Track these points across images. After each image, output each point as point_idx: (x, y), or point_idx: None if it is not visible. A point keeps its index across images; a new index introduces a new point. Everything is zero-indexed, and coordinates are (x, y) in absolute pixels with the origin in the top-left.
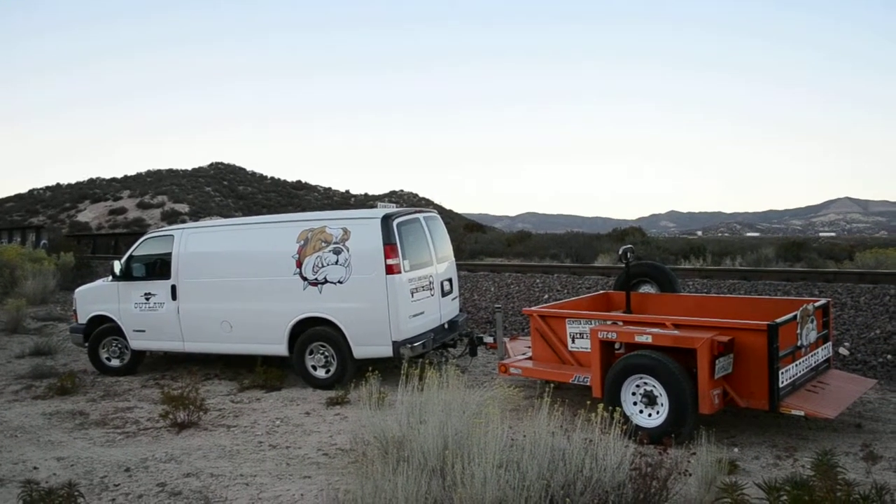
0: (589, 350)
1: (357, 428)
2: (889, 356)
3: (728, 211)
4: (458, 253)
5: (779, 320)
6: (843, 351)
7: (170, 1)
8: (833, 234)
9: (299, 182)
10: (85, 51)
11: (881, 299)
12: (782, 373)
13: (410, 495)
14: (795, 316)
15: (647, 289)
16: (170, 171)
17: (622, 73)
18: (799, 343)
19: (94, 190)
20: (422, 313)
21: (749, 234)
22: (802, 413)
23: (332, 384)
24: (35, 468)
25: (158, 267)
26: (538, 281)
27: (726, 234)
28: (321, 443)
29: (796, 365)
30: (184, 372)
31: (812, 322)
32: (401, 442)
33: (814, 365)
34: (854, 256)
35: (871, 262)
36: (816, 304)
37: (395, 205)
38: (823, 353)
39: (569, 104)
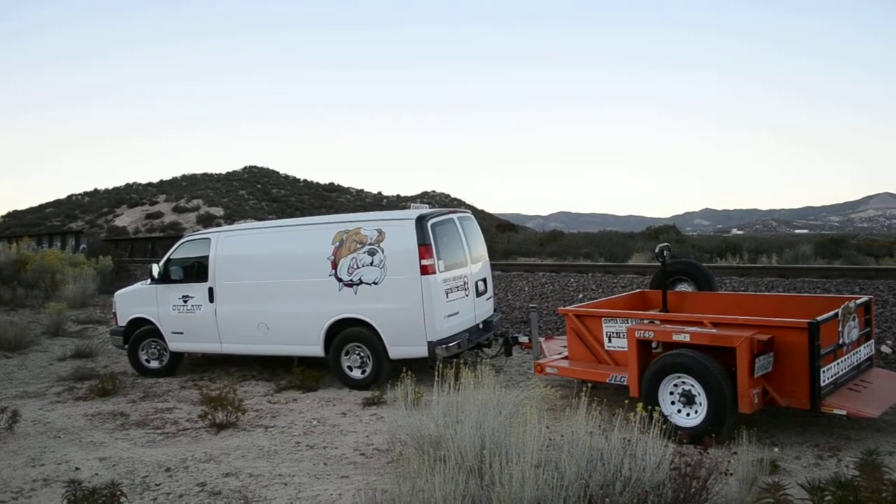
0: (626, 349)
1: (393, 428)
2: None
3: (764, 208)
4: (491, 253)
5: (820, 318)
6: (885, 349)
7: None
8: (806, 230)
9: (332, 184)
10: (117, 49)
11: None
12: (823, 371)
13: (448, 494)
14: (837, 313)
15: (683, 287)
16: (204, 175)
17: (658, 77)
18: (840, 341)
19: (130, 195)
20: (457, 313)
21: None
22: (844, 412)
23: (368, 384)
24: (77, 469)
25: (196, 270)
26: (572, 280)
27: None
28: (358, 443)
29: (838, 363)
30: (222, 373)
31: (854, 320)
32: (438, 441)
33: (856, 363)
34: (894, 253)
35: None
36: (858, 301)
37: (427, 205)
38: (865, 351)
39: (602, 106)
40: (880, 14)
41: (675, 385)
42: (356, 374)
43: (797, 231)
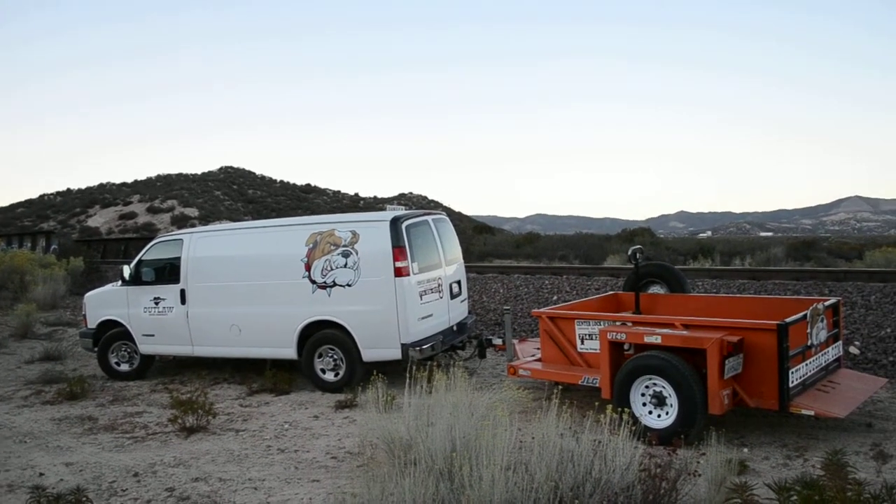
0: (598, 351)
1: (365, 431)
2: None
3: (737, 211)
4: (467, 255)
5: (788, 320)
6: (853, 350)
7: (176, 4)
8: (771, 232)
9: (308, 185)
10: (92, 55)
11: (891, 298)
12: (792, 372)
13: (418, 498)
14: (805, 315)
15: (656, 289)
16: (179, 175)
17: (631, 74)
18: (809, 342)
19: (104, 195)
20: (430, 316)
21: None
22: (812, 412)
23: (341, 387)
24: (42, 474)
25: (168, 271)
26: (547, 282)
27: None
28: (330, 446)
29: (806, 364)
30: (193, 376)
31: (822, 321)
32: (409, 444)
33: (824, 364)
34: (864, 255)
35: (882, 260)
36: (826, 303)
37: (403, 207)
38: (834, 352)
39: (578, 105)
40: (878, 11)
41: (647, 386)
42: (329, 376)
43: (762, 234)
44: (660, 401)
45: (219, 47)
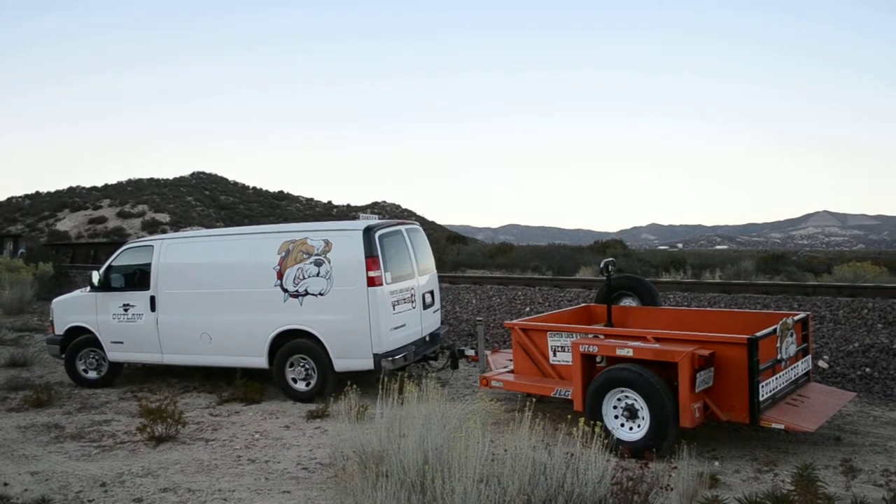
0: (570, 363)
1: (337, 442)
2: (867, 369)
3: (709, 224)
4: (440, 265)
5: (759, 334)
6: (822, 364)
7: (150, 15)
8: (726, 245)
9: (281, 192)
10: (67, 64)
11: (859, 312)
12: (762, 386)
13: None
14: (775, 329)
15: (628, 302)
16: (151, 180)
17: (603, 84)
18: (779, 356)
19: (73, 199)
20: (403, 326)
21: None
22: (782, 426)
23: (313, 397)
24: (6, 484)
25: (137, 278)
26: (520, 293)
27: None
28: (301, 457)
29: (776, 378)
30: (162, 384)
31: (792, 335)
32: (380, 456)
33: (793, 378)
34: (832, 270)
35: (850, 275)
36: (796, 317)
37: (377, 216)
38: (803, 366)
39: (550, 116)
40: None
41: (619, 399)
42: (300, 386)
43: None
44: (632, 414)
45: (193, 55)
